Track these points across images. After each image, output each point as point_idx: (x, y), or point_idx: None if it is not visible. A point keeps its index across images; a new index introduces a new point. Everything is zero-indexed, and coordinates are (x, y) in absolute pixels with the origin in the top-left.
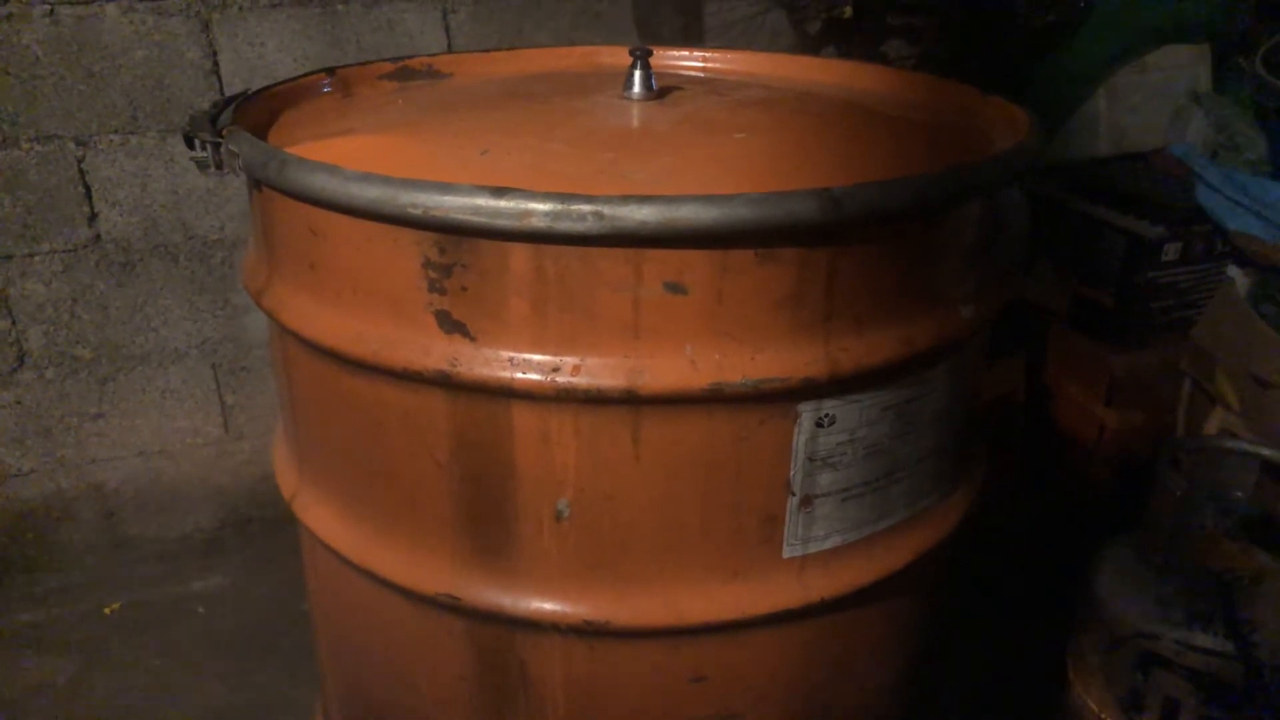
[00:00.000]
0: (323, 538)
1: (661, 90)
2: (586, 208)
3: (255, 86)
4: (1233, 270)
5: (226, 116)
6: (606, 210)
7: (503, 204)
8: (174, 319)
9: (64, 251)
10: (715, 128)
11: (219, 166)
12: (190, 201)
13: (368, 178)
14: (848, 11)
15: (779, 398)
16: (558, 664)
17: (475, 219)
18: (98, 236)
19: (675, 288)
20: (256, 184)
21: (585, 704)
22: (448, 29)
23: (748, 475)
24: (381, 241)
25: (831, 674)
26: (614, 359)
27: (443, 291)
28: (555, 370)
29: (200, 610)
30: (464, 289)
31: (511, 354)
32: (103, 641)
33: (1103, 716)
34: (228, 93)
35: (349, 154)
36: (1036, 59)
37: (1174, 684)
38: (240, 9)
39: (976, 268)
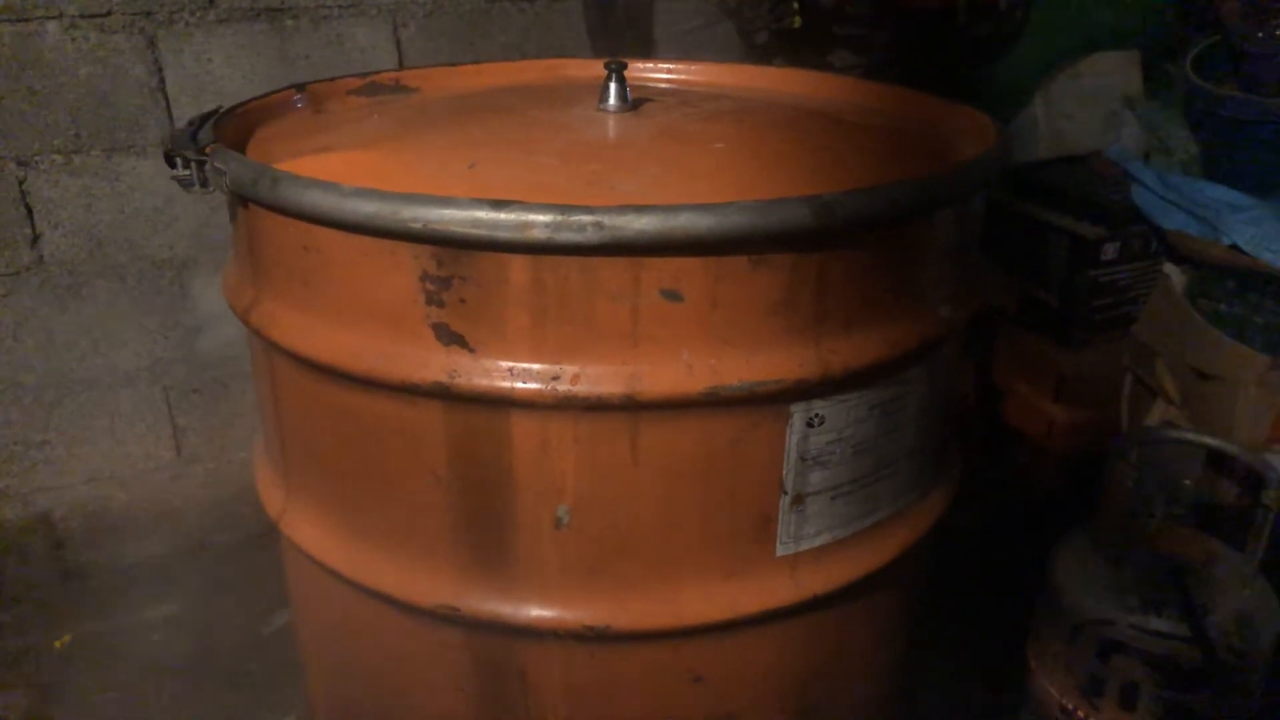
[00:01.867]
0: (314, 555)
1: (635, 102)
2: (587, 218)
3: (203, 104)
4: (1169, 268)
5: (206, 134)
6: (606, 220)
7: (503, 216)
8: (122, 341)
9: (5, 275)
10: (693, 138)
11: (204, 184)
12: (137, 221)
13: (365, 193)
14: (797, 22)
15: (773, 399)
16: (558, 670)
17: (475, 232)
18: (41, 259)
19: (672, 295)
20: (242, 201)
21: (585, 709)
22: (398, 43)
23: (742, 476)
24: (377, 256)
25: (822, 670)
26: (613, 366)
27: (441, 304)
28: (555, 379)
29: (156, 639)
30: (462, 301)
31: (511, 364)
32: (55, 676)
33: (1064, 703)
34: (175, 110)
35: (335, 170)
36: (977, 67)
37: (1133, 668)
38: (186, 25)
39: (953, 270)
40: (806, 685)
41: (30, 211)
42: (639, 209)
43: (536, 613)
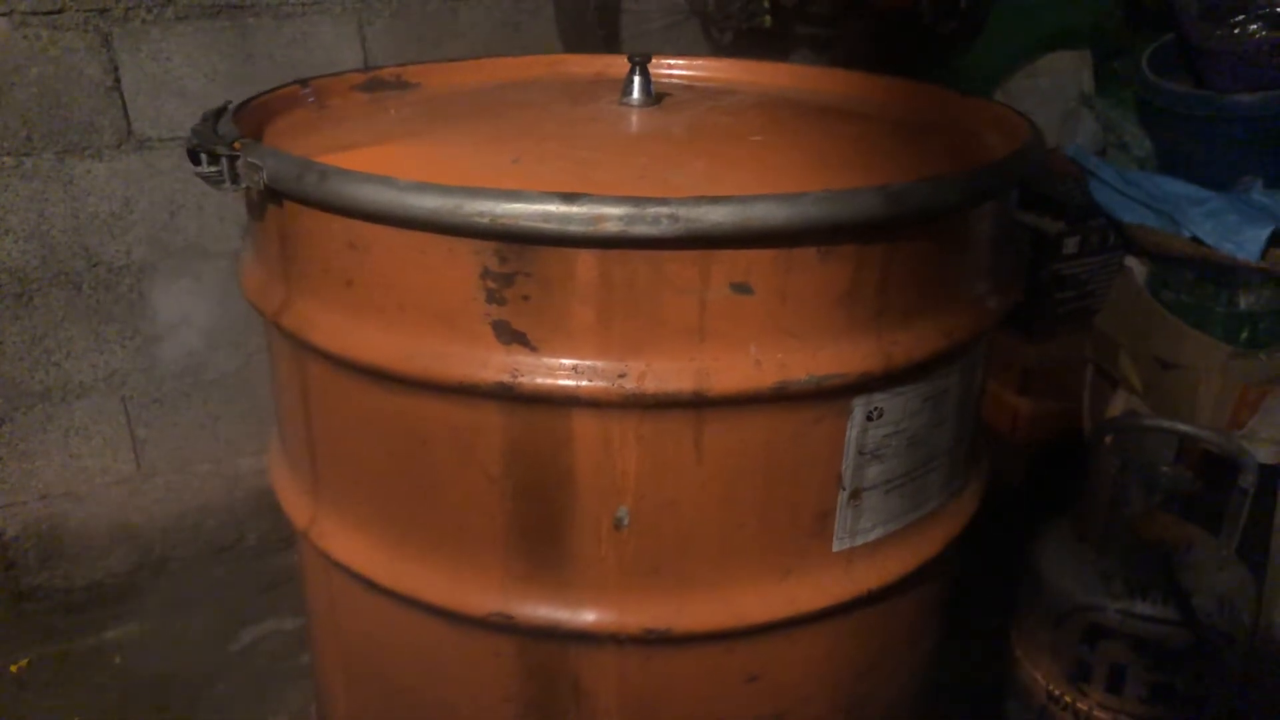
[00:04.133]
0: (350, 566)
1: (657, 96)
2: (663, 210)
3: (162, 104)
4: (1130, 260)
5: (226, 129)
6: (682, 212)
7: (575, 209)
8: (78, 351)
9: None
10: (728, 132)
11: (234, 181)
12: (93, 226)
13: (425, 187)
14: (768, 20)
15: (837, 394)
16: (613, 675)
17: (545, 226)
18: None
19: (742, 288)
20: (275, 198)
21: (637, 714)
22: (364, 41)
23: (804, 471)
24: (434, 253)
25: (871, 665)
26: (680, 362)
27: (502, 301)
28: (621, 376)
29: (119, 660)
30: (525, 298)
31: (575, 361)
32: (12, 701)
33: (1051, 689)
34: (131, 111)
35: (374, 166)
36: (939, 65)
37: (1120, 652)
38: (143, 22)
39: (997, 261)
40: (856, 680)
41: None
42: (714, 200)
43: (593, 617)
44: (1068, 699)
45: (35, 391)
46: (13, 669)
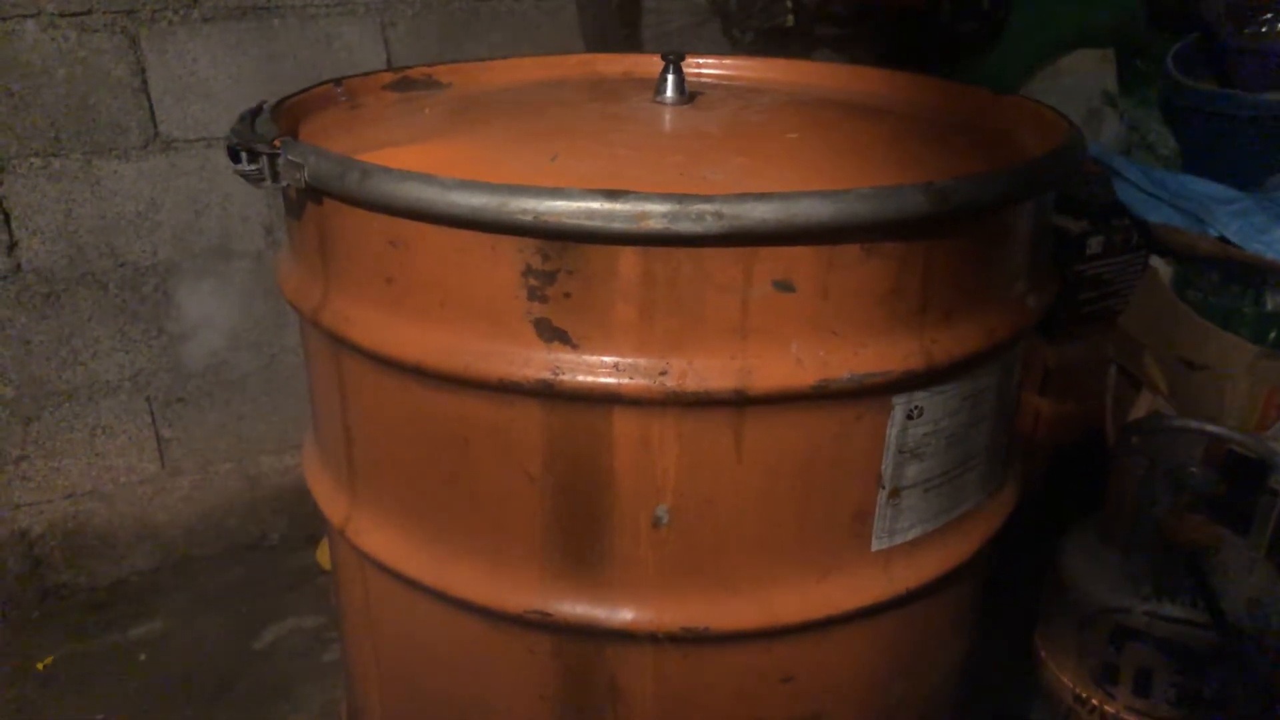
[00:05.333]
0: (387, 563)
1: (690, 95)
2: (706, 208)
3: (188, 105)
4: (1155, 261)
5: (265, 127)
6: (726, 209)
7: (619, 206)
8: (104, 351)
9: None
10: (762, 129)
11: (275, 179)
12: (120, 226)
13: (469, 185)
14: (791, 20)
15: (878, 392)
16: (649, 674)
17: (589, 223)
18: (18, 266)
19: (784, 286)
20: (315, 195)
21: (672, 713)
22: (386, 42)
23: (842, 470)
24: (476, 250)
25: (907, 665)
26: (721, 360)
27: (544, 299)
28: (663, 374)
29: (142, 658)
30: (567, 295)
31: (616, 359)
32: (38, 697)
33: (1078, 691)
34: (158, 112)
35: (414, 164)
36: (959, 65)
37: (1147, 654)
38: (170, 24)
39: (1035, 259)
40: (892, 681)
41: (7, 217)
42: (759, 197)
43: (631, 615)
44: (1094, 701)
45: (62, 390)
46: (39, 666)
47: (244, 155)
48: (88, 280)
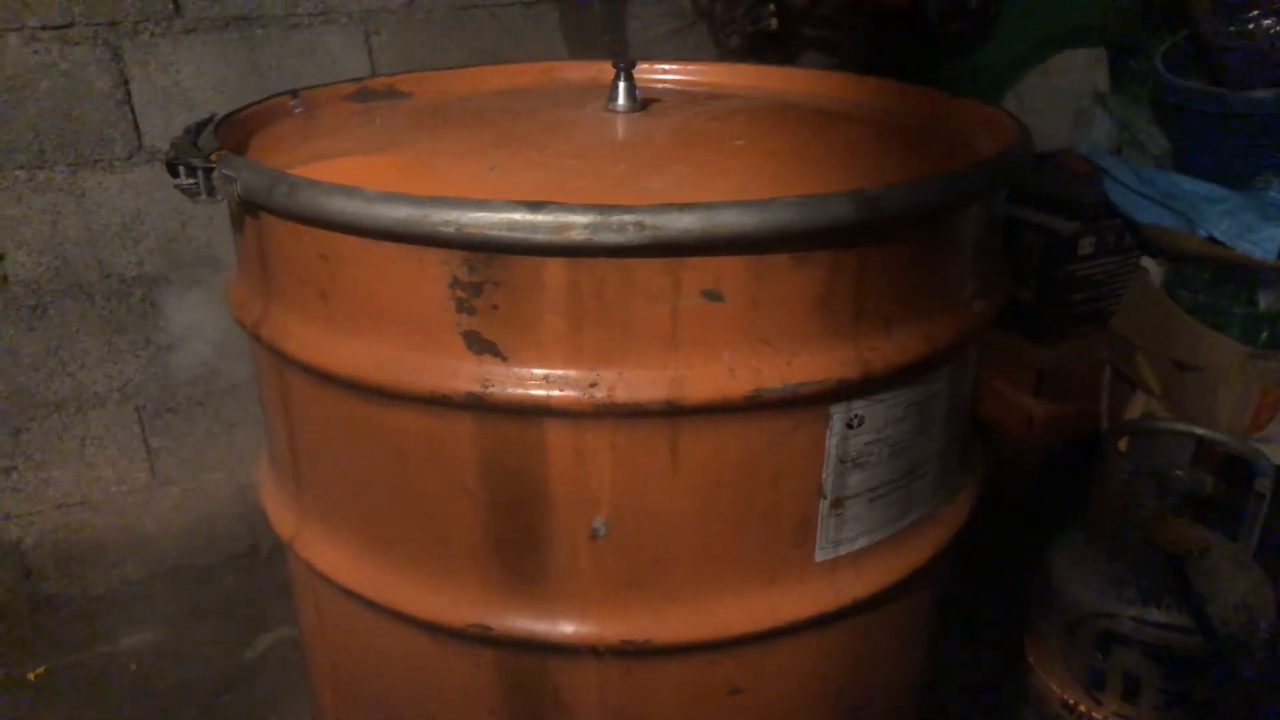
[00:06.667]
0: (331, 577)
1: (644, 102)
2: (628, 218)
3: (172, 116)
4: (1146, 261)
5: (208, 141)
6: (648, 220)
7: (540, 218)
8: (92, 362)
9: None
10: (711, 137)
11: (211, 193)
12: (105, 238)
13: (392, 197)
14: (774, 24)
15: (814, 401)
16: (593, 688)
17: (511, 235)
18: (5, 278)
19: (713, 295)
20: (251, 210)
21: None
22: (370, 50)
23: (782, 480)
24: (404, 263)
25: (860, 675)
26: (653, 371)
27: (472, 311)
28: (593, 385)
29: (134, 668)
30: (494, 307)
31: (546, 371)
32: (30, 708)
33: (1065, 697)
34: (142, 124)
35: (347, 176)
36: (947, 65)
37: (1134, 660)
38: (152, 36)
39: (983, 264)
40: (843, 691)
41: None
42: (681, 207)
43: (572, 629)
44: (1082, 708)
45: (50, 402)
46: (30, 676)
47: (182, 170)
48: (74, 291)
